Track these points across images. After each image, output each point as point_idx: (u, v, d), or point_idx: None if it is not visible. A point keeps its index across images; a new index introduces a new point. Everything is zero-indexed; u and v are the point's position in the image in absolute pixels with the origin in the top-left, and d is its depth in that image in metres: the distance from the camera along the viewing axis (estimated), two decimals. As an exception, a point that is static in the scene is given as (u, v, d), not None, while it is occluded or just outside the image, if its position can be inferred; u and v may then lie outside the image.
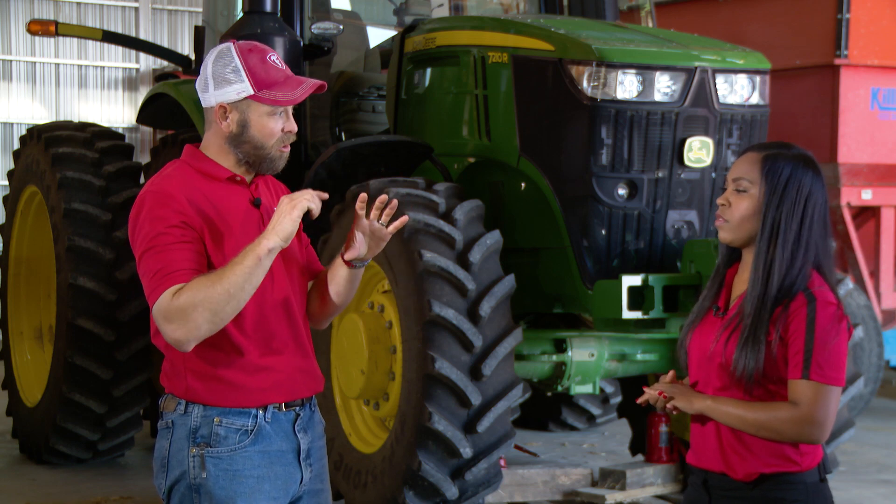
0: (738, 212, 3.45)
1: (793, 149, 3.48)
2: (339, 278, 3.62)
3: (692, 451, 3.56)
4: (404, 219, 3.54)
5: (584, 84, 6.60)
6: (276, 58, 3.55)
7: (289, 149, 3.59)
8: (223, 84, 3.49)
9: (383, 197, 3.48)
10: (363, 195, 3.43)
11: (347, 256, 3.58)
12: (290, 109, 3.56)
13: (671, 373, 3.54)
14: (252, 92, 3.48)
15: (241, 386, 3.48)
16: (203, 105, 3.57)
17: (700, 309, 3.57)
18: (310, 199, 3.40)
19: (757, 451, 3.39)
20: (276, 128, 3.53)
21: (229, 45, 3.53)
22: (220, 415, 3.47)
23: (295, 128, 3.57)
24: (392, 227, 3.51)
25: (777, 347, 3.35)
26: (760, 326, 3.36)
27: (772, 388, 3.38)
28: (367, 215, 3.47)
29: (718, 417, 3.40)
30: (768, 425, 3.34)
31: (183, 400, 3.50)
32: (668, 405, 3.47)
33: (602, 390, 8.98)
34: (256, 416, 3.50)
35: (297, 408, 3.58)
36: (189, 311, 3.30)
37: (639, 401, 3.57)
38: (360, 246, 3.56)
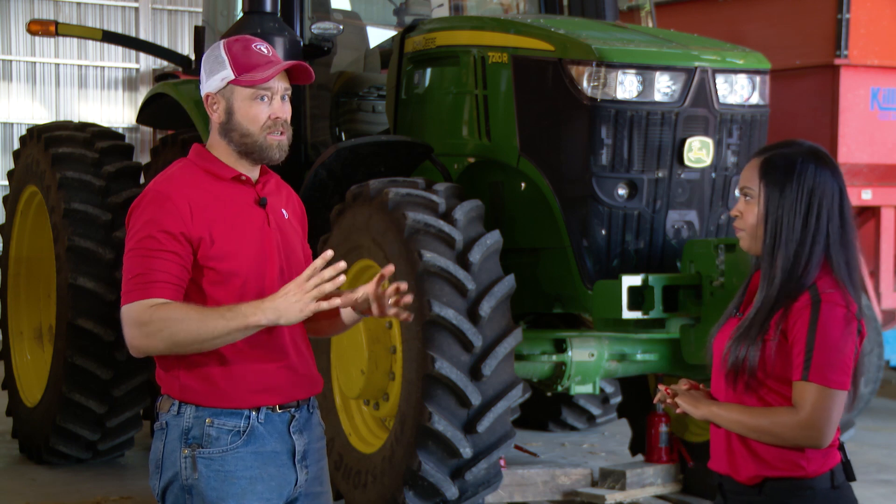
0: (749, 220, 3.45)
1: (795, 146, 3.45)
2: (351, 317, 3.68)
3: (711, 455, 3.56)
4: (408, 298, 3.57)
5: (584, 84, 6.60)
6: (263, 46, 3.57)
7: (283, 138, 3.56)
8: (209, 75, 3.55)
9: (403, 285, 3.54)
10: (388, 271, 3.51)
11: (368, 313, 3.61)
12: (279, 95, 3.55)
13: (685, 380, 3.55)
14: (233, 77, 3.52)
15: (233, 387, 3.49)
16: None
17: (726, 313, 3.58)
18: (326, 290, 3.35)
19: (762, 455, 3.38)
20: (260, 113, 3.53)
21: (219, 41, 3.58)
22: (212, 416, 3.48)
23: (283, 114, 3.55)
24: (392, 312, 3.55)
25: (778, 346, 3.33)
26: (756, 325, 3.35)
27: (773, 386, 3.36)
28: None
29: (722, 423, 3.40)
30: (769, 430, 3.32)
31: (177, 401, 3.51)
32: (670, 402, 3.47)
33: (602, 390, 8.98)
34: (249, 417, 3.50)
35: (293, 409, 3.58)
36: (154, 330, 3.36)
37: (655, 400, 3.59)
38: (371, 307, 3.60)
